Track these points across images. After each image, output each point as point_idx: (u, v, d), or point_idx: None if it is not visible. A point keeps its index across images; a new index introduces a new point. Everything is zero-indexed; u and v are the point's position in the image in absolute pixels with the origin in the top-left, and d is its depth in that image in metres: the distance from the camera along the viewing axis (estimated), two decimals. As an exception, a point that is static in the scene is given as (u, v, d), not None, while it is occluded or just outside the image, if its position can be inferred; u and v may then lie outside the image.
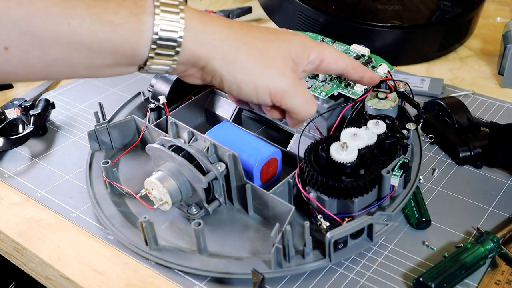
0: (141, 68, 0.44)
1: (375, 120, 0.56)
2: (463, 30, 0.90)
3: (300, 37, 0.50)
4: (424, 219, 0.56)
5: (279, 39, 0.48)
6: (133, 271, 0.54)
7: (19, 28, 0.38)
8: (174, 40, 0.42)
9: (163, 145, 0.57)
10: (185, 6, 0.43)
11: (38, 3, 0.38)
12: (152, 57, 0.42)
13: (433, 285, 0.48)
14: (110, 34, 0.40)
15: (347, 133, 0.53)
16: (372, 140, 0.55)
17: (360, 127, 0.55)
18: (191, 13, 0.43)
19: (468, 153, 0.64)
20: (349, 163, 0.52)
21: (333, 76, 0.63)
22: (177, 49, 0.42)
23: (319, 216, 0.54)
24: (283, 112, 0.51)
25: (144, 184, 0.56)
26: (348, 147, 0.52)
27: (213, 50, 0.44)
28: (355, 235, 0.53)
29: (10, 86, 0.84)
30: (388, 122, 0.58)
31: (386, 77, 0.64)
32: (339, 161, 0.52)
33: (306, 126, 0.62)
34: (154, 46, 0.42)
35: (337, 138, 0.54)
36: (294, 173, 0.56)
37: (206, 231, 0.53)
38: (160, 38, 0.41)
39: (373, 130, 0.55)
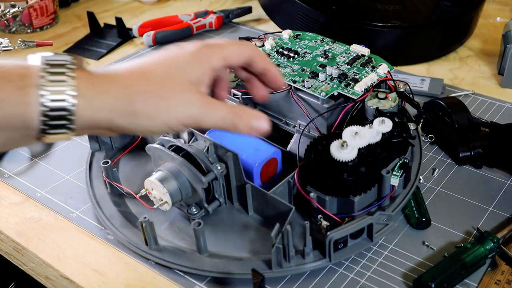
0: (39, 139, 0.42)
1: (381, 118, 0.56)
2: (463, 30, 0.90)
3: (194, 51, 0.46)
4: (424, 219, 0.56)
5: (174, 68, 0.46)
6: (133, 271, 0.54)
7: None
8: (65, 109, 0.40)
9: (163, 145, 0.57)
10: (74, 70, 0.41)
11: None
12: (45, 129, 0.41)
13: (433, 285, 0.48)
14: None
15: (348, 132, 0.53)
16: (376, 138, 0.54)
17: (364, 125, 0.55)
18: (80, 78, 0.41)
19: (468, 153, 0.64)
20: (349, 161, 0.52)
21: (333, 76, 0.63)
22: (71, 117, 0.41)
23: (319, 216, 0.54)
24: None
25: (144, 184, 0.56)
26: (348, 145, 0.52)
27: (110, 111, 0.42)
28: (355, 235, 0.53)
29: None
30: (397, 120, 0.57)
31: (386, 77, 0.64)
32: (339, 159, 0.52)
33: (306, 126, 0.62)
34: (44, 118, 0.40)
35: (338, 136, 0.54)
36: (294, 173, 0.56)
37: (206, 231, 0.53)
38: (51, 109, 0.40)
39: (378, 129, 0.55)
